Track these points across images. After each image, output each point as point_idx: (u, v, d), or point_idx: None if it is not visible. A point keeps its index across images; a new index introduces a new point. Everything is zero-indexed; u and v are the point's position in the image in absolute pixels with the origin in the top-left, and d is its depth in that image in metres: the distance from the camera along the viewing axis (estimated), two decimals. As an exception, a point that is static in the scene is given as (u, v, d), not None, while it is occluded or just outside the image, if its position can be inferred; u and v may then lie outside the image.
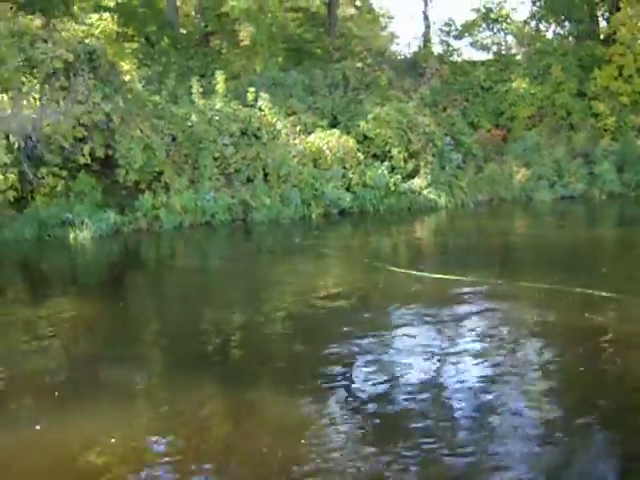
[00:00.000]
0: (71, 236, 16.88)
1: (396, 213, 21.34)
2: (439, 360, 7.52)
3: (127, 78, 20.86)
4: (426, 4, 32.22)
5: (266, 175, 20.45)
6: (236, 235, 18.57)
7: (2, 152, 14.61)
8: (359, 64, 27.05)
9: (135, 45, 25.76)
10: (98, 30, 25.06)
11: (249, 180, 20.28)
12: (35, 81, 16.84)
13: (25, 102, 16.11)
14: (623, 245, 16.32)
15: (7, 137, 15.11)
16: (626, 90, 27.32)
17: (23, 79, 16.48)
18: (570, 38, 28.98)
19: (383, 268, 12.52)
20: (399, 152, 22.17)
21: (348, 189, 21.10)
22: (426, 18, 32.06)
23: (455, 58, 29.76)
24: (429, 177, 22.12)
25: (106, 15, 25.83)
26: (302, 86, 24.83)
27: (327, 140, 21.37)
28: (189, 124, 19.99)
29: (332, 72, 25.54)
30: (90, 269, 14.98)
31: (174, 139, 19.71)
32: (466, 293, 10.45)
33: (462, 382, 6.78)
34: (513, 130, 26.39)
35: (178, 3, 27.13)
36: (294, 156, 20.80)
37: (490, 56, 30.13)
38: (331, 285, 12.01)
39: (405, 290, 11.05)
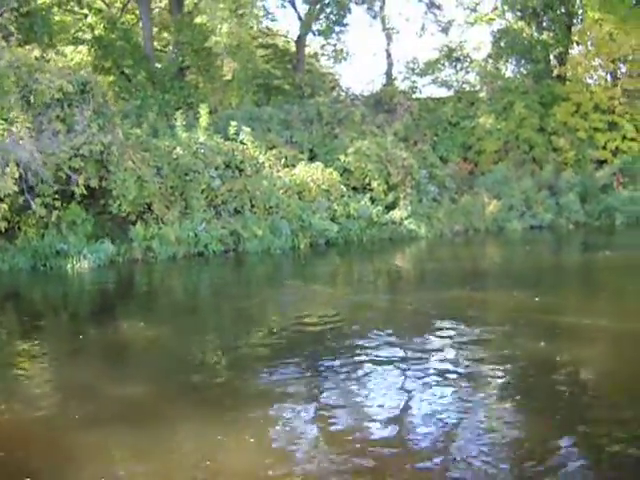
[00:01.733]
0: (69, 266, 16.76)
1: (378, 243, 21.90)
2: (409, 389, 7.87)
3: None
4: (389, 42, 33.29)
5: (252, 207, 20.69)
6: (229, 265, 18.69)
7: (10, 182, 14.44)
8: (322, 99, 27.72)
9: (111, 78, 25.78)
10: (73, 62, 24.97)
11: (237, 212, 20.49)
12: (32, 112, 16.74)
13: (23, 132, 15.97)
14: (573, 272, 17.46)
15: (15, 166, 14.89)
16: (583, 126, 28.74)
17: (21, 110, 16.37)
18: (529, 77, 30.25)
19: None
20: (379, 185, 22.81)
21: (333, 220, 21.53)
22: (389, 56, 33.14)
23: (419, 95, 30.81)
24: (409, 208, 22.78)
25: (81, 48, 25.84)
26: (278, 120, 25.32)
27: (311, 173, 21.84)
28: (174, 157, 20.10)
29: (306, 107, 26.12)
30: (94, 298, 14.89)
31: (159, 171, 19.79)
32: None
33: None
34: (480, 163, 27.38)
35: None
36: (280, 188, 21.15)
37: (451, 93, 31.26)
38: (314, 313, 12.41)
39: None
